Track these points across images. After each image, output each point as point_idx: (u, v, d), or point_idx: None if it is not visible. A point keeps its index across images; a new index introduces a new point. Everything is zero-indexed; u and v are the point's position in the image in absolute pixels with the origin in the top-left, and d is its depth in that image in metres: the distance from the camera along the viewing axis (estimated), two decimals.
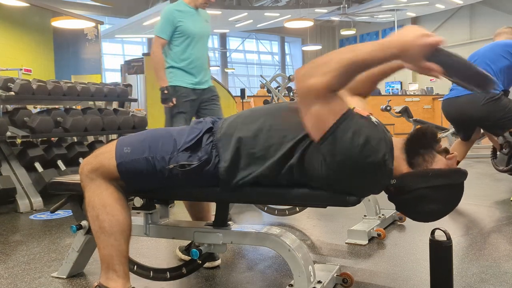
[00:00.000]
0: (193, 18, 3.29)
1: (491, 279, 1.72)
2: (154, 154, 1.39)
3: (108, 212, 1.40)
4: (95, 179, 1.43)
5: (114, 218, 1.40)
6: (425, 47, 1.11)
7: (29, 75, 6.46)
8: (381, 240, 2.27)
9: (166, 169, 1.38)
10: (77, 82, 4.38)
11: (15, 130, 3.46)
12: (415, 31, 1.12)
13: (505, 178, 4.00)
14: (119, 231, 1.41)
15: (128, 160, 1.40)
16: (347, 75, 1.19)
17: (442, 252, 1.41)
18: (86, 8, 15.66)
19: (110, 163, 1.42)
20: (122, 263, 1.42)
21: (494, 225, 2.54)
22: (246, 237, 1.52)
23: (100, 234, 1.41)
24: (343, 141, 1.21)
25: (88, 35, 7.45)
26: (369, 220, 2.42)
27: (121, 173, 1.42)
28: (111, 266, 1.41)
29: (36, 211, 3.24)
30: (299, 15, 15.06)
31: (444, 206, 1.33)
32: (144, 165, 1.40)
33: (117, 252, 1.41)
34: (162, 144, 1.41)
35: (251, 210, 2.98)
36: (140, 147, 1.41)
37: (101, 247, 1.42)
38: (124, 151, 1.42)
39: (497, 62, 3.10)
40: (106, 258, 1.42)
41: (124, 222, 1.42)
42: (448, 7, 16.40)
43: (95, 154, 1.48)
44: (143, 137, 1.46)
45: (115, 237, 1.40)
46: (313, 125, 1.25)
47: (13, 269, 1.97)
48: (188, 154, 1.38)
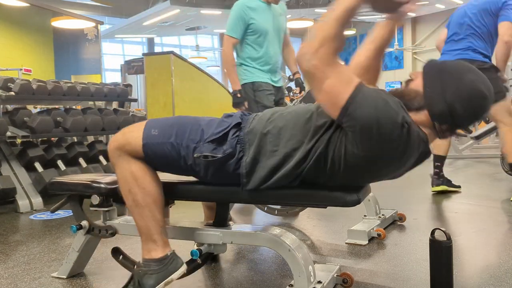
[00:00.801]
0: (265, 13, 3.07)
1: (491, 279, 1.72)
2: (180, 141, 1.42)
3: (139, 185, 1.44)
4: (122, 156, 1.46)
5: (145, 190, 1.44)
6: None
7: (29, 75, 6.47)
8: (381, 240, 2.27)
9: (190, 158, 1.41)
10: (77, 82, 4.38)
11: (15, 130, 3.46)
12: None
13: (505, 178, 4.00)
14: (152, 202, 1.45)
15: (155, 142, 1.44)
16: (341, 29, 1.29)
17: (442, 252, 1.41)
18: (86, 8, 15.65)
19: (137, 142, 1.45)
20: (159, 233, 1.46)
21: (494, 225, 2.54)
22: (246, 237, 1.52)
23: (135, 208, 1.45)
24: (364, 108, 1.22)
25: (88, 35, 7.45)
26: (369, 220, 2.42)
27: (145, 154, 1.45)
28: (150, 237, 1.46)
29: (36, 211, 3.24)
30: (299, 15, 15.05)
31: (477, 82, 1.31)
32: (169, 150, 1.43)
33: (153, 222, 1.45)
34: (189, 132, 1.43)
35: (251, 210, 2.98)
36: (168, 132, 1.44)
37: (137, 219, 1.47)
38: (152, 133, 1.45)
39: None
40: (144, 229, 1.46)
41: (156, 193, 1.46)
42: (448, 7, 16.39)
43: (123, 132, 1.51)
44: (171, 122, 1.49)
45: (149, 208, 1.44)
46: (329, 101, 1.27)
47: (13, 269, 1.97)
48: (214, 146, 1.40)
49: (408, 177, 1.61)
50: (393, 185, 3.97)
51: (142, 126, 1.48)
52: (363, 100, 1.22)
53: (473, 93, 1.29)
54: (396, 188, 3.84)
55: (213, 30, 18.79)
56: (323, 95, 1.27)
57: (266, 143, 1.39)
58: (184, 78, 6.09)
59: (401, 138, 1.24)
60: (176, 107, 5.83)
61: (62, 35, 7.36)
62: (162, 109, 5.86)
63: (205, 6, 14.51)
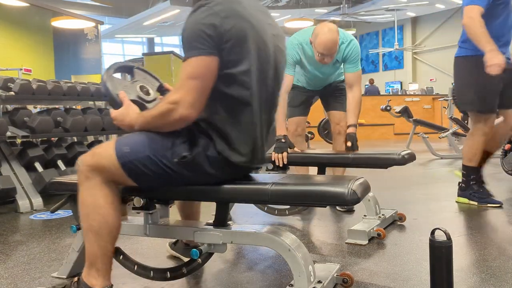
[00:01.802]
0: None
1: (491, 279, 1.72)
2: (155, 152, 1.41)
3: (99, 212, 1.42)
4: (91, 178, 1.43)
5: (104, 220, 1.42)
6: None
7: (29, 75, 6.47)
8: (381, 240, 2.27)
9: (173, 164, 1.40)
10: (77, 82, 4.38)
11: (15, 130, 3.46)
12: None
13: (505, 178, 4.01)
14: (107, 233, 1.43)
15: (131, 159, 1.41)
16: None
17: (442, 252, 1.41)
18: (86, 8, 15.66)
19: (110, 164, 1.42)
20: (105, 263, 1.46)
21: (494, 225, 2.54)
22: (246, 237, 1.52)
23: (89, 232, 1.44)
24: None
25: (88, 35, 7.46)
26: (369, 220, 2.42)
27: (127, 172, 1.43)
28: (94, 264, 1.45)
29: (36, 211, 3.24)
30: (299, 15, 15.06)
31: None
32: (149, 163, 1.41)
33: (102, 252, 1.44)
34: (161, 140, 1.42)
35: (251, 210, 2.98)
36: (141, 146, 1.42)
37: (88, 244, 1.46)
38: (124, 151, 1.42)
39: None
40: (91, 256, 1.45)
41: (113, 225, 1.44)
42: (448, 7, 16.39)
43: (93, 153, 1.48)
44: (140, 137, 1.46)
45: (103, 238, 1.43)
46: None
47: (13, 269, 1.97)
48: (187, 146, 1.41)
49: (408, 177, 1.61)
50: (393, 185, 3.99)
51: (112, 147, 1.45)
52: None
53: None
54: (396, 188, 3.84)
55: None
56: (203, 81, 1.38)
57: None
58: None
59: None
60: None
61: (62, 35, 7.36)
62: None
63: None
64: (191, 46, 1.35)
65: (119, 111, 1.49)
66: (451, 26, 18.21)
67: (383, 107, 7.27)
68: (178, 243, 2.05)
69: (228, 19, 1.35)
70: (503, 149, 3.88)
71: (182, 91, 1.35)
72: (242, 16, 1.39)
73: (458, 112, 8.15)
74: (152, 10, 14.47)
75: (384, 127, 11.59)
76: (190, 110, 1.35)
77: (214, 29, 1.33)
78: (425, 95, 13.32)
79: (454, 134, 7.04)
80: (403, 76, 19.74)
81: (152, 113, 1.41)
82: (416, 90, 14.72)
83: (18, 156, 3.54)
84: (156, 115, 1.39)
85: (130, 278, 1.74)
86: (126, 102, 1.50)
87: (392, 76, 20.30)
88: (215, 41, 1.34)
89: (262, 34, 1.44)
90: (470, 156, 2.97)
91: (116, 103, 1.50)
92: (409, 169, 4.59)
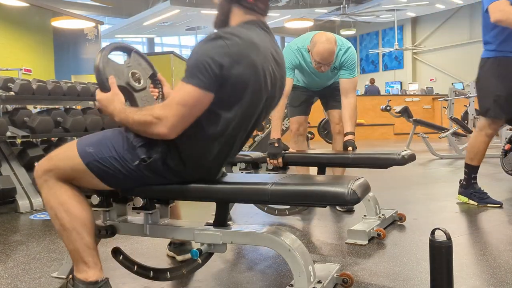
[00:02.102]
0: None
1: (491, 279, 1.72)
2: (118, 153, 1.43)
3: (65, 209, 1.45)
4: (48, 180, 1.47)
5: (72, 215, 1.45)
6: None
7: (29, 75, 6.47)
8: (381, 240, 2.27)
9: (133, 167, 1.43)
10: (77, 82, 4.38)
11: (15, 130, 3.46)
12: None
13: (505, 178, 4.01)
14: (79, 225, 1.46)
15: (97, 158, 1.44)
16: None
17: (442, 252, 1.41)
18: (86, 8, 15.66)
19: (71, 165, 1.45)
20: (91, 255, 1.47)
21: (494, 225, 2.54)
22: (246, 237, 1.52)
23: (63, 232, 1.46)
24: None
25: (88, 35, 7.46)
26: (369, 220, 2.42)
27: (93, 171, 1.45)
28: (80, 259, 1.46)
29: (36, 211, 3.24)
30: (299, 15, 15.06)
31: None
32: (113, 164, 1.43)
33: (82, 245, 1.46)
34: (123, 142, 1.45)
35: (251, 210, 2.98)
36: (104, 146, 1.45)
37: (67, 243, 1.48)
38: (87, 151, 1.45)
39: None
40: (73, 253, 1.48)
41: (82, 216, 1.47)
42: (448, 7, 16.40)
43: (49, 157, 1.51)
44: (102, 137, 1.49)
45: (77, 231, 1.45)
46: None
47: (13, 269, 1.97)
48: (145, 149, 1.42)
49: (408, 177, 1.61)
50: (393, 185, 3.99)
51: (73, 147, 1.48)
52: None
53: None
54: (396, 188, 3.84)
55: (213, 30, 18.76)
56: (196, 107, 1.38)
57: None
58: None
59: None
60: None
61: (62, 35, 7.36)
62: None
63: (205, 6, 14.52)
64: (193, 73, 1.34)
65: (105, 95, 1.48)
66: (451, 26, 18.22)
67: (383, 107, 7.27)
68: (173, 243, 2.06)
69: (238, 65, 1.34)
70: (503, 149, 3.88)
71: (168, 111, 1.35)
72: (252, 65, 1.38)
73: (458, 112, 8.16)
74: (152, 10, 14.47)
75: (384, 127, 11.60)
76: (169, 131, 1.36)
77: (220, 69, 1.33)
78: (425, 95, 13.33)
79: (454, 134, 7.04)
80: (403, 76, 19.74)
81: (134, 117, 1.41)
82: (416, 90, 14.72)
83: (18, 156, 3.54)
84: (137, 121, 1.40)
85: (130, 278, 1.74)
86: (114, 89, 1.49)
87: (392, 76, 20.30)
88: (217, 80, 1.34)
89: (264, 80, 1.43)
90: (472, 155, 2.97)
91: (105, 87, 1.48)
92: (409, 169, 4.59)
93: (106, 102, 1.47)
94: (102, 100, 1.48)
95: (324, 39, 2.65)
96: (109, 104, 1.46)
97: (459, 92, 8.36)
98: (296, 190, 1.40)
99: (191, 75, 1.34)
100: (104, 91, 1.48)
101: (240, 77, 1.35)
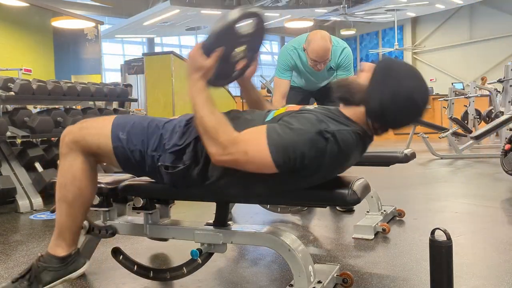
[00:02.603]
0: None
1: (491, 279, 1.72)
2: (147, 149, 1.44)
3: (75, 184, 1.45)
4: (73, 150, 1.46)
5: (79, 192, 1.45)
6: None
7: (29, 75, 6.47)
8: (381, 240, 2.27)
9: (155, 166, 1.44)
10: (77, 82, 4.38)
11: (15, 130, 3.46)
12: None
13: (505, 178, 4.01)
14: (81, 204, 1.47)
15: (124, 145, 1.44)
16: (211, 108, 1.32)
17: (442, 252, 1.41)
18: (86, 8, 15.65)
19: (99, 141, 1.45)
20: (73, 233, 1.48)
21: (494, 225, 2.54)
22: (246, 237, 1.52)
23: (62, 203, 1.46)
24: (280, 152, 1.25)
25: (88, 35, 7.45)
26: (372, 216, 2.50)
27: (116, 156, 1.46)
28: (62, 233, 1.47)
29: (36, 211, 3.24)
30: (299, 15, 15.05)
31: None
32: (138, 156, 1.44)
33: (73, 223, 1.47)
34: (154, 140, 1.44)
35: (251, 210, 2.98)
36: (135, 138, 1.45)
37: (59, 214, 1.48)
38: (120, 136, 1.45)
39: None
40: (61, 225, 1.47)
41: (87, 197, 1.49)
42: (448, 7, 16.38)
43: (80, 126, 1.50)
44: (138, 127, 1.47)
45: (76, 209, 1.46)
46: (261, 166, 1.29)
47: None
48: (174, 157, 1.41)
49: (408, 177, 1.61)
50: (394, 185, 3.99)
51: (108, 127, 1.46)
52: (278, 145, 1.25)
53: (407, 100, 1.33)
54: (396, 188, 3.84)
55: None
56: (253, 165, 1.28)
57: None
58: (184, 78, 6.08)
59: (325, 151, 1.27)
60: (176, 107, 5.83)
61: (62, 35, 7.36)
62: (162, 109, 5.87)
63: (205, 6, 14.52)
64: (278, 149, 1.25)
65: (200, 61, 1.31)
66: (451, 26, 18.21)
67: None
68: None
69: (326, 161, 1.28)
70: (503, 149, 3.88)
71: (234, 149, 1.27)
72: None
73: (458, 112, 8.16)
74: (152, 10, 14.45)
75: None
76: (217, 160, 1.29)
77: (302, 158, 1.26)
78: None
79: (454, 134, 7.04)
80: None
81: (205, 112, 1.30)
82: None
83: (18, 156, 3.54)
84: (205, 121, 1.29)
85: (130, 278, 1.74)
86: (211, 61, 1.31)
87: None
88: (290, 164, 1.27)
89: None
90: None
91: (208, 50, 1.30)
92: (409, 169, 4.59)
93: (194, 66, 1.32)
94: (194, 62, 1.32)
95: (319, 37, 2.67)
96: (194, 72, 1.32)
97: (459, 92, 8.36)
98: (296, 190, 1.40)
99: (277, 150, 1.25)
100: (205, 53, 1.31)
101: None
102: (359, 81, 1.39)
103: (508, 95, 6.36)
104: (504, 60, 15.36)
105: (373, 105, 1.34)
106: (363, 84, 1.37)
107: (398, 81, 1.33)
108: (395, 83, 1.33)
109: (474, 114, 7.80)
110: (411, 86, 1.34)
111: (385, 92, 1.32)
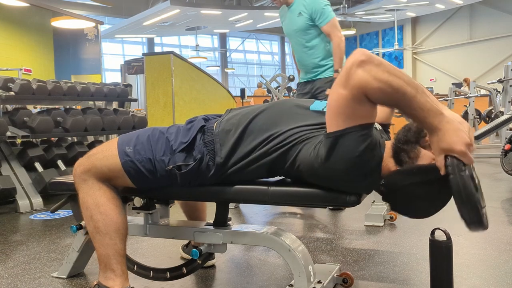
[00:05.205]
0: (286, 17, 3.25)
1: (491, 279, 1.72)
2: (155, 155, 1.41)
3: (101, 211, 1.42)
4: (87, 180, 1.44)
5: (108, 218, 1.41)
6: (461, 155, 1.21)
7: (29, 75, 6.47)
8: (381, 240, 2.27)
9: (166, 170, 1.40)
10: (77, 82, 4.38)
11: (15, 130, 3.46)
12: (462, 139, 1.21)
13: (505, 178, 4.01)
14: (113, 230, 1.42)
15: (133, 159, 1.42)
16: (389, 97, 1.15)
17: (442, 252, 1.41)
18: (86, 8, 15.66)
19: (108, 163, 1.43)
20: (119, 262, 1.43)
21: (494, 225, 2.54)
22: (246, 237, 1.52)
23: (96, 234, 1.43)
24: (346, 145, 1.20)
25: (88, 35, 7.45)
26: (377, 206, 2.61)
27: (126, 171, 1.43)
28: (109, 265, 1.42)
29: (36, 211, 3.24)
30: None
31: (430, 203, 1.33)
32: (148, 164, 1.42)
33: (113, 251, 1.42)
34: (161, 145, 1.43)
35: (251, 210, 2.98)
36: (142, 148, 1.43)
37: (97, 246, 1.43)
38: (127, 151, 1.43)
39: None
40: (103, 257, 1.43)
41: (118, 221, 1.43)
42: (448, 7, 16.39)
43: (88, 155, 1.50)
44: (142, 137, 1.46)
45: (110, 236, 1.41)
46: (333, 115, 1.20)
47: (13, 269, 1.97)
48: (184, 155, 1.40)
49: None
50: None
51: (113, 147, 1.45)
52: (350, 139, 1.20)
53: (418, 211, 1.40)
54: None
55: (213, 30, 18.78)
56: (335, 106, 1.20)
57: (243, 138, 1.39)
58: (184, 78, 6.09)
59: (363, 180, 1.27)
60: (176, 107, 5.82)
61: (62, 35, 7.35)
62: (162, 109, 5.86)
63: (205, 6, 14.53)
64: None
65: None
66: (451, 26, 18.21)
67: None
68: (189, 245, 2.04)
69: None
70: (503, 149, 3.87)
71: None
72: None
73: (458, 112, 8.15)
74: (152, 10, 14.46)
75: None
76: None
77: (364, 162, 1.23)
78: None
79: None
80: None
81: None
82: None
83: (18, 156, 3.54)
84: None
85: (130, 278, 1.73)
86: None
87: None
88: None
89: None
90: None
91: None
92: None
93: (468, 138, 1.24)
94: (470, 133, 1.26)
95: None
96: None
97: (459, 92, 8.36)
98: (296, 191, 1.40)
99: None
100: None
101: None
102: (425, 160, 1.30)
103: (508, 95, 6.35)
104: (504, 60, 15.37)
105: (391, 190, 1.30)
106: (424, 165, 1.28)
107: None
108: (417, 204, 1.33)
109: (474, 114, 7.80)
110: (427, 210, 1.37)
111: (406, 202, 1.31)
